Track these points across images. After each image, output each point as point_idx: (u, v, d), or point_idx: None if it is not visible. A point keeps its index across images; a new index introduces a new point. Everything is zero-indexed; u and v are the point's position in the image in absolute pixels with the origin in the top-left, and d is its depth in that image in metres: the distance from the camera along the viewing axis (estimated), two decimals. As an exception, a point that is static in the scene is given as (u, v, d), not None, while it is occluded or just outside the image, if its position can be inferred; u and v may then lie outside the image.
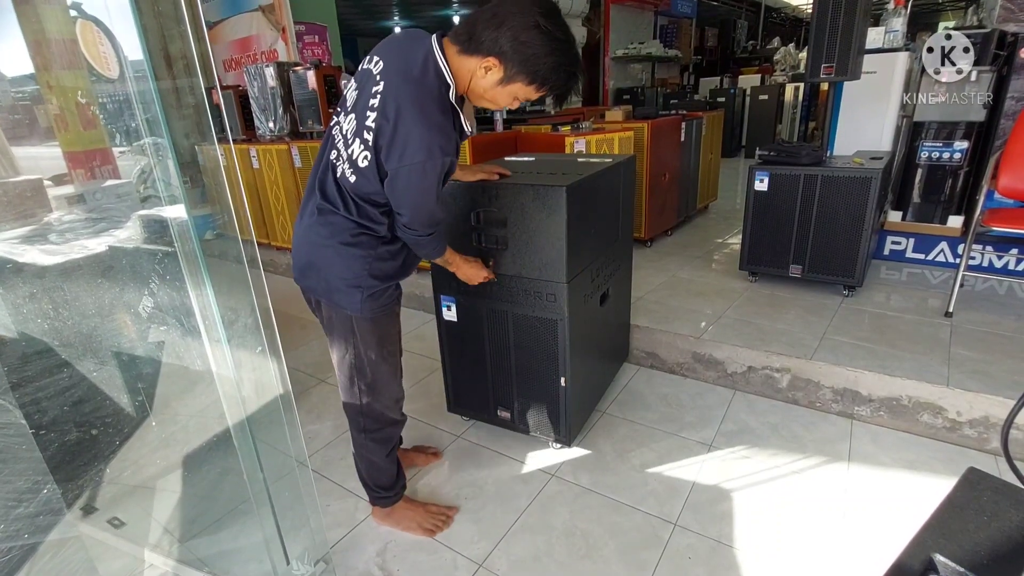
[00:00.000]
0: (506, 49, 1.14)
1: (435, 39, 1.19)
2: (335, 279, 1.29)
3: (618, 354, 2.34)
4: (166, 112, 1.10)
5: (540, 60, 1.15)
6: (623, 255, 2.14)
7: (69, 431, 1.18)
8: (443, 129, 1.16)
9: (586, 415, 2.03)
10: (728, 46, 11.36)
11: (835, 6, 2.40)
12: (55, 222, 2.18)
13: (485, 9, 1.16)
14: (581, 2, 6.61)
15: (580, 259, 1.67)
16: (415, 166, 1.14)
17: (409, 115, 1.13)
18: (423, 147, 1.13)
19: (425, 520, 1.60)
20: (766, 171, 2.64)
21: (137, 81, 1.13)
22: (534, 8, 1.13)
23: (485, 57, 1.16)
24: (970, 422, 1.84)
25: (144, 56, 1.08)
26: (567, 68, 1.18)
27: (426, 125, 1.14)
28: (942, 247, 3.01)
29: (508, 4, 1.14)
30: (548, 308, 1.66)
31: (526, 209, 1.57)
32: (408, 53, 1.19)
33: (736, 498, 1.66)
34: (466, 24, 1.18)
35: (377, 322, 1.36)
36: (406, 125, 1.13)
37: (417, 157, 1.13)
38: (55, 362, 1.22)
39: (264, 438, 1.27)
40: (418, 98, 1.14)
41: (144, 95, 1.13)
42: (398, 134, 1.14)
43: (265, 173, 3.99)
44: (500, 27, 1.13)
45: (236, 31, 5.20)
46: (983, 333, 2.24)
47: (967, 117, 2.85)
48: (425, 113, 1.14)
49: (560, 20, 1.16)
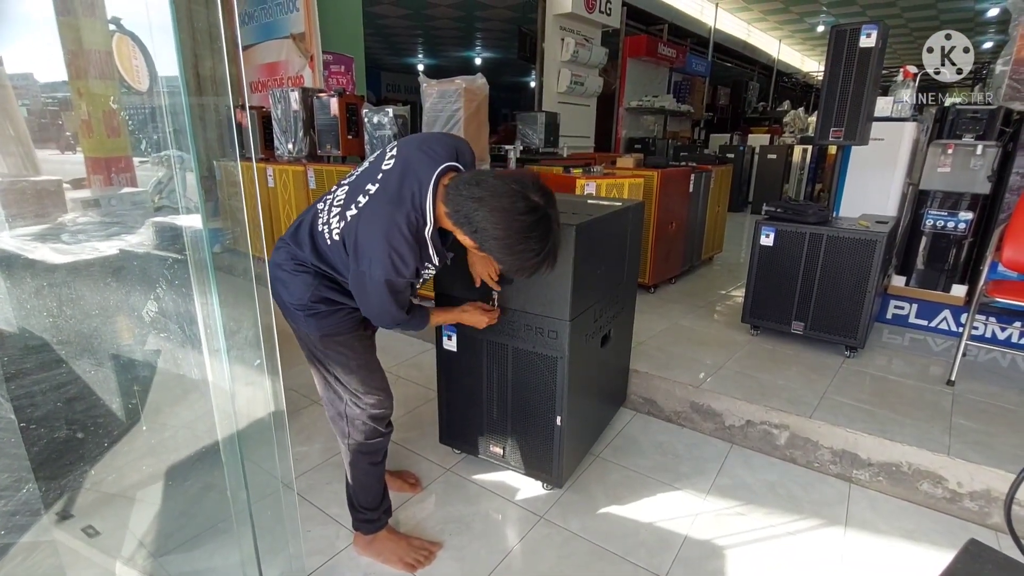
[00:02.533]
0: (478, 235, 1.18)
1: (436, 175, 1.23)
2: (287, 297, 1.36)
3: (615, 398, 2.32)
4: (195, 125, 1.14)
5: (514, 255, 1.19)
6: (627, 298, 2.15)
7: (59, 428, 1.16)
8: (400, 254, 1.19)
9: (579, 457, 1.99)
10: (739, 105, 11.70)
11: (846, 73, 2.48)
12: (69, 223, 2.22)
13: (472, 182, 1.18)
14: (600, 54, 6.85)
15: (584, 298, 1.68)
16: (373, 274, 1.20)
17: (376, 231, 1.19)
18: (379, 264, 1.19)
19: (407, 554, 1.55)
20: (772, 227, 2.67)
21: (167, 95, 1.17)
22: (515, 197, 1.15)
23: (461, 230, 1.22)
24: (971, 494, 1.79)
25: (180, 71, 1.12)
26: (540, 263, 1.22)
27: (384, 246, 1.18)
28: (945, 315, 3.01)
29: (487, 186, 1.16)
30: (549, 345, 1.66)
31: None
32: (411, 172, 1.24)
33: (729, 556, 1.61)
34: (454, 190, 1.20)
35: (336, 340, 1.40)
36: (371, 238, 1.19)
37: (375, 268, 1.19)
38: (52, 357, 1.21)
39: (252, 456, 1.25)
40: (388, 223, 1.19)
41: (173, 108, 1.17)
42: (360, 241, 1.20)
43: (280, 192, 4.06)
44: (478, 212, 1.16)
45: (266, 56, 5.39)
46: (985, 404, 2.21)
47: (972, 189, 2.90)
48: (389, 238, 1.18)
49: (541, 215, 1.17)
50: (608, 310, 1.93)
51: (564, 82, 6.45)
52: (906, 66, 3.09)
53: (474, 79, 2.88)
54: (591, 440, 2.10)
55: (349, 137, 3.62)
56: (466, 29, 11.78)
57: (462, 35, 12.42)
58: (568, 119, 6.14)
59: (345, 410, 1.47)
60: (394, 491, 1.84)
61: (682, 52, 8.70)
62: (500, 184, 1.17)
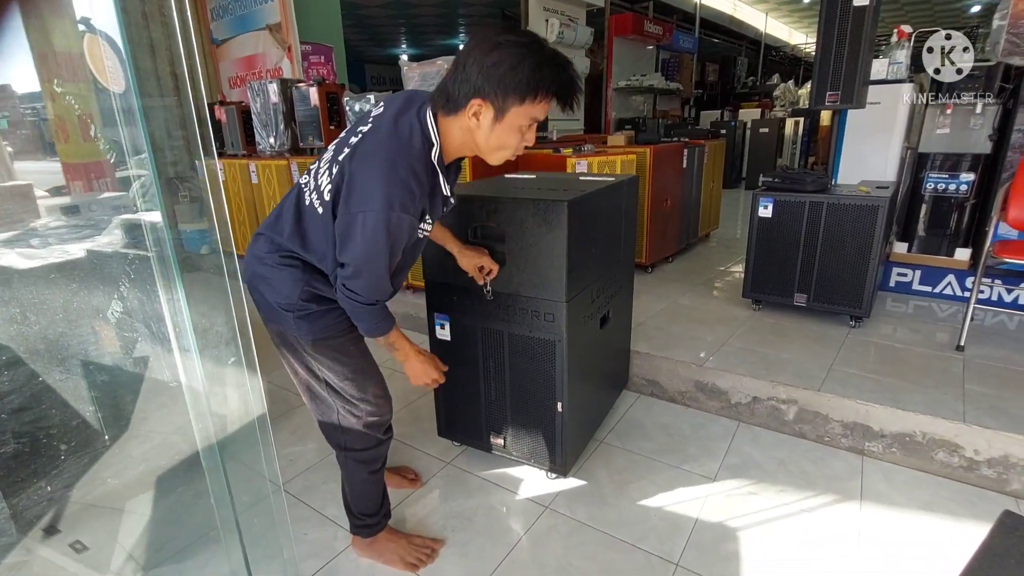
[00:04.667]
0: (481, 83, 1.06)
1: (432, 100, 1.14)
2: (271, 296, 1.23)
3: (617, 381, 2.25)
4: (154, 125, 1.06)
5: (518, 71, 1.05)
6: (624, 278, 2.07)
7: (6, 443, 1.08)
8: (407, 186, 1.07)
9: (583, 444, 1.93)
10: (728, 81, 11.57)
11: (840, 34, 2.39)
12: (40, 228, 2.13)
13: (455, 67, 1.10)
14: (585, 34, 6.72)
15: (580, 278, 1.60)
16: (368, 215, 1.05)
17: (376, 164, 1.07)
18: (381, 197, 1.05)
19: (408, 553, 1.49)
20: (770, 197, 2.59)
21: (139, 97, 1.09)
22: (488, 33, 1.06)
23: (468, 104, 1.09)
24: (988, 461, 1.74)
25: (129, 69, 1.04)
26: (550, 63, 1.07)
27: (387, 179, 1.06)
28: (949, 280, 2.95)
29: (465, 48, 1.09)
30: (546, 328, 1.58)
31: (525, 224, 1.51)
32: (404, 108, 1.15)
33: (742, 537, 1.55)
34: (440, 88, 1.12)
35: (330, 344, 1.27)
36: (370, 173, 1.07)
37: (372, 206, 1.05)
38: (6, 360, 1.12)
39: (237, 459, 1.18)
40: (392, 151, 1.09)
41: (146, 109, 1.09)
42: (356, 179, 1.08)
43: (264, 188, 3.96)
44: (467, 69, 1.07)
45: (243, 49, 5.25)
46: (997, 368, 2.15)
47: (973, 149, 2.82)
48: (394, 167, 1.07)
49: (519, 30, 1.09)
50: (606, 290, 1.86)
51: (550, 64, 6.32)
52: (900, 26, 3.00)
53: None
54: (594, 425, 2.03)
55: (332, 127, 3.52)
56: (448, 16, 11.59)
57: (445, 22, 12.23)
58: (556, 101, 6.02)
59: (339, 420, 1.36)
60: (393, 488, 1.77)
61: (668, 29, 8.56)
62: (479, 38, 1.07)
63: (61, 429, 1.21)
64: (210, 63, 5.61)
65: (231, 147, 4.27)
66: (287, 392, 2.46)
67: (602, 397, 2.07)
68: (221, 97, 5.66)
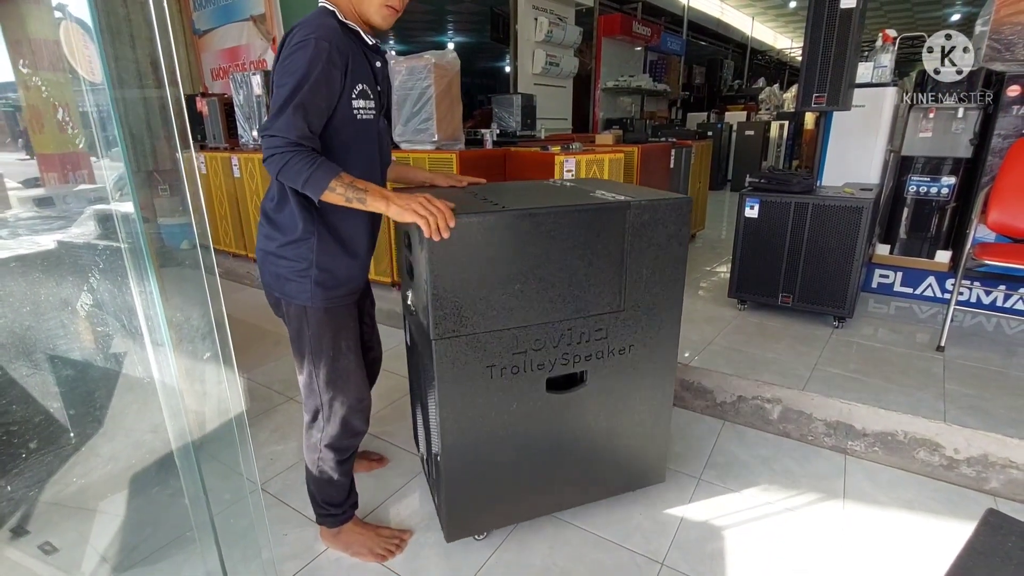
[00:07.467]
0: None
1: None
2: (284, 268, 1.26)
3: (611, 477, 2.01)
4: (131, 116, 1.03)
5: None
6: (632, 332, 1.46)
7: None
8: (325, 35, 1.14)
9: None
10: (715, 84, 11.65)
11: (827, 36, 2.41)
12: (11, 219, 2.05)
13: None
14: (574, 33, 6.72)
15: (477, 310, 1.27)
16: (290, 57, 1.12)
17: (295, 38, 1.14)
18: (301, 37, 1.13)
19: (377, 544, 1.48)
20: (756, 198, 2.60)
21: (118, 88, 1.06)
22: None
23: None
24: (968, 460, 1.76)
25: (100, 59, 1.01)
26: None
27: (305, 36, 1.13)
28: (930, 282, 2.99)
29: None
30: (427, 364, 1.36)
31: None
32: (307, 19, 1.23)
33: (727, 536, 1.55)
34: None
35: (332, 313, 1.30)
36: (291, 45, 1.14)
37: (295, 39, 1.13)
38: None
39: (211, 458, 1.14)
40: (307, 28, 1.15)
41: (124, 100, 1.05)
42: (282, 54, 1.16)
43: (247, 182, 3.88)
44: None
45: (226, 40, 5.14)
46: (976, 368, 2.18)
47: (954, 153, 2.86)
48: (312, 29, 1.14)
49: None
50: (567, 339, 1.39)
51: (539, 63, 6.31)
52: (885, 30, 3.03)
53: (444, 54, 2.75)
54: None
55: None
56: (437, 12, 11.51)
57: (433, 19, 12.14)
58: (544, 101, 6.00)
59: (322, 408, 1.37)
60: (362, 472, 1.79)
61: (657, 31, 8.60)
62: None
63: (23, 426, 1.16)
64: (192, 53, 5.49)
65: (213, 140, 4.18)
66: (268, 390, 2.41)
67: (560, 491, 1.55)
68: (203, 88, 5.55)
